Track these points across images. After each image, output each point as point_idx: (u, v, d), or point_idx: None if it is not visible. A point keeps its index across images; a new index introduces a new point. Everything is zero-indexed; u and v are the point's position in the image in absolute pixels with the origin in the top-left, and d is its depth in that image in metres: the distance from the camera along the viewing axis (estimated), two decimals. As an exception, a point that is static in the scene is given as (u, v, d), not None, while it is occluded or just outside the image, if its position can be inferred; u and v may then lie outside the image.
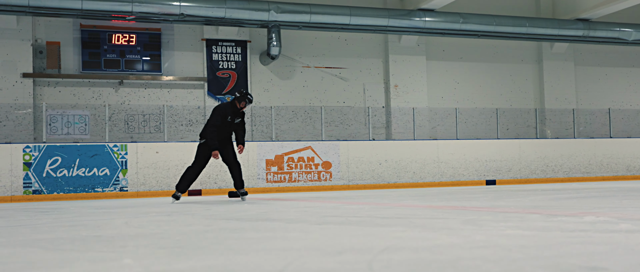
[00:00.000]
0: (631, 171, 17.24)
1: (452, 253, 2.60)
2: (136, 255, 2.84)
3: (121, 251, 3.00)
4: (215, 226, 4.21)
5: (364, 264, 2.32)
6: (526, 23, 16.88)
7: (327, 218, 4.62)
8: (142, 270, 2.42)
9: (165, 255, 2.83)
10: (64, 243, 3.41)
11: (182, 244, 3.28)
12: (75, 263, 2.63)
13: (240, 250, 2.92)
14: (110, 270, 2.42)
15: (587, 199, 6.33)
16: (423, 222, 4.10)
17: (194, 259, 2.64)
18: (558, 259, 2.32)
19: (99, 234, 3.89)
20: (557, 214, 4.45)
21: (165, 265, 2.53)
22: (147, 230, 4.06)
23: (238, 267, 2.42)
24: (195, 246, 3.16)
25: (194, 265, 2.49)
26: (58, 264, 2.61)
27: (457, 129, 16.77)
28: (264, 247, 3.01)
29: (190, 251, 2.96)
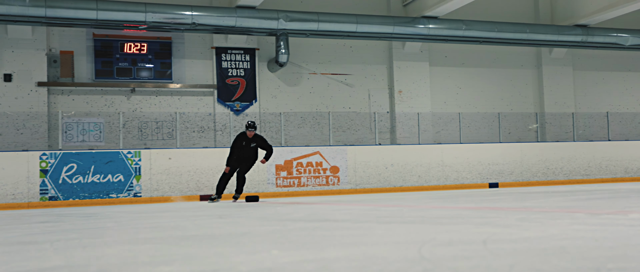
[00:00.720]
0: (629, 172, 17.70)
1: (550, 243, 2.95)
2: (270, 248, 3.20)
3: (250, 245, 3.38)
4: (296, 226, 4.57)
5: (481, 249, 2.67)
6: (526, 29, 17.33)
7: (383, 218, 4.97)
8: (293, 258, 2.82)
9: (293, 248, 3.22)
10: (179, 240, 3.75)
11: (292, 239, 3.68)
12: (230, 256, 2.99)
13: (353, 243, 3.32)
14: (265, 260, 2.80)
15: (608, 199, 6.71)
16: (482, 221, 4.45)
17: (325, 251, 3.03)
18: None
19: (202, 233, 4.28)
20: (598, 212, 4.82)
21: (307, 255, 2.92)
22: (240, 229, 4.40)
23: (371, 256, 2.81)
24: (310, 241, 3.55)
25: (330, 256, 2.88)
26: (205, 256, 2.93)
27: (460, 133, 17.19)
28: (369, 241, 3.41)
29: (310, 245, 3.35)
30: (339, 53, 17.35)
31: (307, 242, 3.48)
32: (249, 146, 11.73)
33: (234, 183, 12.58)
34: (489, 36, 17.09)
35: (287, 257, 2.87)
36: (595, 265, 2.31)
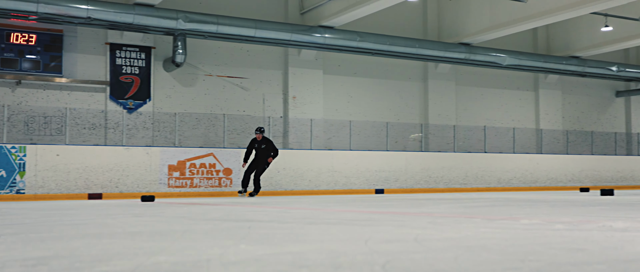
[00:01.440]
0: (501, 183, 19.05)
1: (471, 241, 3.29)
2: (230, 243, 3.35)
3: (210, 240, 3.51)
4: (229, 225, 4.67)
5: (419, 245, 2.97)
6: (416, 44, 18.26)
7: (304, 219, 5.20)
8: (265, 251, 3.01)
9: (253, 243, 3.39)
10: (131, 236, 3.78)
11: (242, 236, 3.84)
12: (204, 249, 3.11)
13: (305, 241, 3.55)
14: (243, 252, 2.95)
15: (494, 207, 7.35)
16: (398, 223, 4.80)
17: (287, 246, 3.22)
18: (547, 245, 3.09)
19: (141, 230, 4.31)
20: (493, 218, 5.34)
21: (274, 249, 3.12)
22: (175, 227, 4.45)
23: (333, 250, 3.05)
24: (260, 237, 3.74)
25: (294, 250, 3.08)
26: (181, 248, 3.01)
27: (350, 140, 17.83)
28: (316, 239, 3.65)
29: (265, 240, 3.54)
30: (236, 56, 17.48)
31: (260, 239, 3.68)
32: (260, 147, 13.91)
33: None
34: (381, 49, 17.84)
35: (259, 251, 3.07)
36: (519, 258, 2.71)
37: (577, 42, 20.95)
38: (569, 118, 22.96)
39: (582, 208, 6.90)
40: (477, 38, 18.67)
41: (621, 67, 22.01)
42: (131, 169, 14.33)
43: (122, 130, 15.63)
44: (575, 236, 3.61)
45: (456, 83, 20.66)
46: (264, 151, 13.96)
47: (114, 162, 14.24)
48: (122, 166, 14.26)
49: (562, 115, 22.73)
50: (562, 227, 4.19)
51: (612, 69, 21.80)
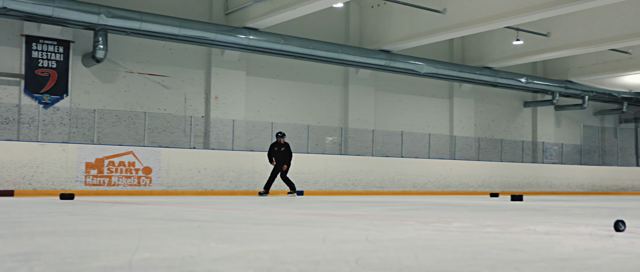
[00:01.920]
0: (416, 187, 19.68)
1: (419, 242, 3.48)
2: (196, 242, 3.41)
3: (175, 238, 3.50)
4: (180, 224, 4.65)
5: (373, 245, 3.12)
6: (338, 49, 18.61)
7: (248, 220, 5.27)
8: (237, 249, 3.09)
9: (221, 242, 3.44)
10: (86, 234, 3.74)
11: (204, 235, 3.89)
12: (177, 246, 3.09)
13: (265, 240, 3.64)
14: (217, 250, 2.96)
15: (418, 211, 7.64)
16: (340, 225, 4.93)
17: (253, 245, 3.29)
18: (488, 246, 3.30)
19: (93, 229, 4.22)
20: (426, 221, 5.58)
21: (244, 247, 3.20)
22: (128, 226, 4.39)
23: (299, 248, 3.17)
24: (223, 236, 3.79)
25: (263, 248, 3.16)
26: (158, 245, 3.00)
27: (272, 142, 17.94)
28: (277, 238, 3.75)
29: (228, 239, 3.60)
30: (158, 54, 17.27)
31: (224, 238, 3.74)
32: (280, 150, 15.19)
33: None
34: (304, 52, 18.09)
35: (233, 249, 3.14)
36: (470, 256, 2.93)
37: (490, 53, 21.92)
38: (480, 126, 23.97)
39: (503, 213, 7.31)
40: (397, 46, 19.22)
41: (529, 79, 23.19)
42: (46, 165, 13.92)
43: (37, 125, 15.13)
44: (508, 238, 3.89)
45: (376, 89, 21.17)
46: (283, 154, 15.17)
47: (27, 159, 13.79)
48: (36, 162, 13.83)
49: (475, 123, 23.70)
50: (494, 230, 4.48)
51: (521, 81, 22.93)
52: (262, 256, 2.88)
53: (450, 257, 2.89)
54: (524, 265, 2.63)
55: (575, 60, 23.85)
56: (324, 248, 3.24)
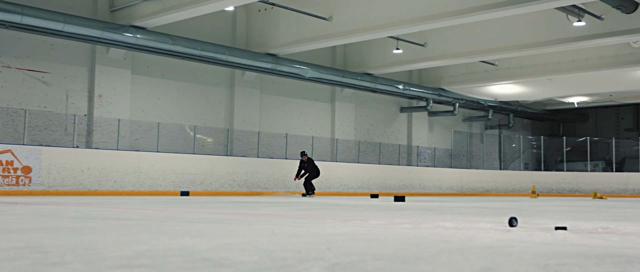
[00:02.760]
0: (300, 188, 20.20)
1: (359, 236, 3.79)
2: (174, 237, 3.49)
3: (143, 234, 3.58)
4: (119, 223, 4.70)
5: (325, 240, 3.40)
6: (226, 51, 18.81)
7: (177, 219, 5.40)
8: (215, 242, 3.25)
9: (194, 237, 3.56)
10: (76, 233, 3.72)
11: (166, 231, 3.99)
12: (154, 241, 3.21)
13: (233, 235, 3.82)
14: (197, 244, 3.14)
15: (322, 210, 8.03)
16: (271, 222, 5.20)
17: (221, 239, 3.45)
18: (419, 238, 3.68)
19: (79, 227, 4.21)
20: (344, 220, 5.96)
21: (218, 241, 3.35)
22: (75, 224, 4.37)
23: (267, 242, 3.38)
24: (184, 232, 3.92)
25: (231, 241, 3.33)
26: (136, 240, 3.10)
27: (158, 142, 17.85)
28: (235, 234, 3.93)
29: (195, 235, 3.74)
30: (38, 49, 16.68)
31: (187, 233, 3.92)
32: (304, 166, 18.17)
33: None
34: (192, 53, 18.13)
35: (212, 242, 3.34)
36: (415, 245, 3.32)
37: (370, 60, 22.92)
38: (360, 130, 24.97)
39: (402, 212, 7.89)
40: (284, 50, 19.70)
41: (406, 86, 24.47)
42: None
43: None
44: (430, 232, 4.35)
45: (261, 91, 21.54)
46: (309, 168, 18.18)
47: None
48: None
49: (355, 127, 24.66)
50: (410, 226, 4.94)
51: (399, 87, 24.15)
52: (241, 246, 3.15)
53: (398, 246, 3.30)
54: (462, 251, 3.09)
55: (448, 69, 25.43)
56: (285, 240, 3.54)
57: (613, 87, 25.30)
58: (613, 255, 2.88)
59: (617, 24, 17.39)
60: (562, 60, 22.39)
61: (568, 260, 2.63)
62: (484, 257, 2.76)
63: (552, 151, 30.43)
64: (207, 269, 2.33)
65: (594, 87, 25.48)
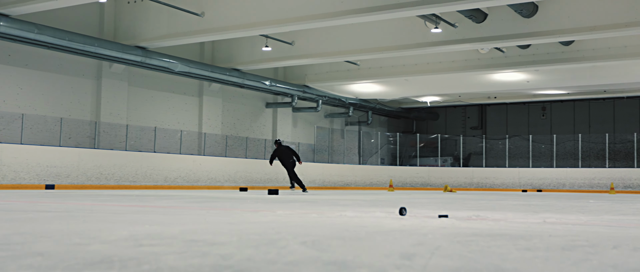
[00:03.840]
0: (168, 181, 20.30)
1: (327, 223, 4.20)
2: (130, 225, 3.70)
3: (120, 224, 3.74)
4: (74, 214, 4.74)
5: (291, 225, 3.79)
6: (95, 43, 18.44)
7: (103, 210, 5.51)
8: (182, 228, 3.50)
9: (155, 224, 3.85)
10: (52, 221, 3.74)
11: (125, 220, 4.18)
12: (140, 227, 3.38)
13: (200, 221, 4.06)
14: (167, 229, 3.42)
15: (216, 203, 8.35)
16: (221, 212, 5.50)
17: (176, 227, 3.67)
18: (340, 224, 4.20)
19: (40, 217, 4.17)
20: (255, 211, 6.36)
21: (180, 227, 3.60)
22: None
23: (241, 226, 3.74)
24: (146, 221, 4.10)
25: (191, 228, 3.60)
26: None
27: (22, 134, 17.19)
28: (195, 220, 4.20)
29: (155, 222, 3.94)
30: None
31: (149, 222, 4.15)
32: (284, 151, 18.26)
33: None
34: (59, 44, 17.62)
35: (175, 228, 3.63)
36: (344, 229, 3.79)
37: (239, 56, 23.34)
38: (227, 124, 25.31)
39: (295, 203, 8.45)
40: (154, 43, 19.62)
41: (273, 82, 25.15)
42: None
43: None
44: (341, 220, 4.77)
45: (129, 84, 21.28)
46: (291, 153, 18.25)
47: None
48: None
49: (222, 121, 24.97)
50: (317, 216, 5.41)
51: (266, 83, 24.77)
52: (211, 230, 3.51)
53: (333, 230, 3.82)
54: (385, 233, 3.66)
55: (312, 67, 26.43)
56: (233, 227, 3.95)
57: (462, 88, 27.54)
58: (500, 234, 3.64)
59: (469, 32, 19.12)
60: (418, 62, 24.10)
61: (468, 238, 3.33)
62: (407, 236, 3.40)
63: (407, 147, 32.50)
64: (205, 247, 2.75)
65: (445, 88, 27.60)
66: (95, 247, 2.70)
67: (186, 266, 2.14)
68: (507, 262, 2.40)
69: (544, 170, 28.37)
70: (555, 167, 28.57)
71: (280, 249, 2.65)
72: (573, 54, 22.04)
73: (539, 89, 28.05)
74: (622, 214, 6.64)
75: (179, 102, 23.32)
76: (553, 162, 29.04)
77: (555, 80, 25.65)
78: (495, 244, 3.04)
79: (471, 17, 18.30)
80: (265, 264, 2.22)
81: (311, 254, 2.52)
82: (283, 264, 2.21)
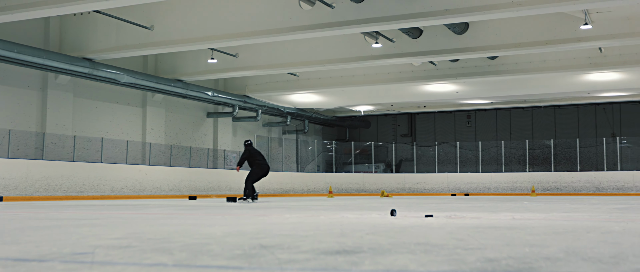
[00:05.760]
0: (115, 191, 20.58)
1: (288, 223, 5.03)
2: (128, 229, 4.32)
3: (122, 228, 4.35)
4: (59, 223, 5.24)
5: (265, 226, 4.54)
6: (43, 55, 18.59)
7: (90, 218, 6.05)
8: (177, 227, 4.23)
9: (144, 226, 4.47)
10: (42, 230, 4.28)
11: (114, 224, 4.79)
12: (147, 227, 4.02)
13: (164, 224, 4.76)
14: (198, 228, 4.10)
15: (188, 210, 8.97)
16: (195, 216, 6.16)
17: (162, 228, 4.42)
18: (326, 224, 5.02)
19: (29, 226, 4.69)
20: (237, 215, 7.09)
21: (161, 230, 4.33)
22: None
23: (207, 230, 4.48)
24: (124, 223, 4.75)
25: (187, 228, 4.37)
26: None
27: (-29, 146, 17.15)
28: (174, 223, 4.92)
29: (136, 226, 4.62)
30: None
31: (133, 224, 4.83)
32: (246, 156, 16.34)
33: None
34: (8, 55, 17.70)
35: (171, 227, 4.36)
36: (369, 226, 4.73)
37: (183, 67, 23.83)
38: (170, 134, 25.70)
39: (271, 209, 9.22)
40: (102, 55, 19.89)
41: (215, 92, 25.76)
42: None
43: None
44: (347, 221, 5.75)
45: (74, 95, 21.41)
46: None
47: None
48: None
49: (165, 131, 25.34)
50: (325, 218, 6.35)
51: (208, 94, 25.35)
52: (238, 230, 4.28)
53: (321, 229, 4.68)
54: (394, 230, 4.56)
55: (253, 78, 27.18)
56: (243, 227, 4.75)
57: (395, 98, 28.95)
58: (484, 226, 4.64)
59: (405, 46, 20.41)
60: (355, 74, 25.28)
61: (461, 230, 4.30)
62: (415, 233, 4.32)
63: (341, 154, 33.68)
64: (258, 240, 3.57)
65: (380, 98, 28.94)
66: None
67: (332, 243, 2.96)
68: (527, 242, 3.36)
69: (471, 175, 30.14)
70: (481, 172, 30.40)
71: (361, 237, 3.53)
72: (498, 67, 23.76)
73: (467, 99, 29.85)
74: (564, 212, 7.84)
75: (123, 112, 23.57)
76: (479, 167, 30.87)
77: (481, 91, 27.45)
78: (503, 233, 4.02)
79: (408, 33, 19.58)
80: (382, 243, 3.09)
81: (387, 240, 3.41)
82: (379, 244, 3.09)
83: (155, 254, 2.82)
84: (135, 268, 2.43)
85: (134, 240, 3.61)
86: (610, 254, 2.88)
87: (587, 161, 29.38)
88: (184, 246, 3.22)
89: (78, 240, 3.64)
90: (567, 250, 3.03)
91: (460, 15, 15.71)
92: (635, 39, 18.33)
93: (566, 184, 28.30)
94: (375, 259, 2.57)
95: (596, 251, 3.02)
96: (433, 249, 3.05)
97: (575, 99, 30.60)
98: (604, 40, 18.47)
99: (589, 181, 27.91)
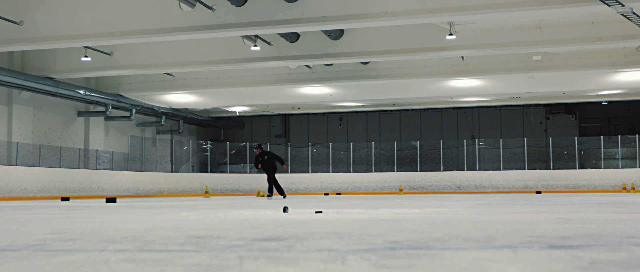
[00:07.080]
0: None
1: (264, 218, 5.31)
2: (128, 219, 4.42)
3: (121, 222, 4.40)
4: None
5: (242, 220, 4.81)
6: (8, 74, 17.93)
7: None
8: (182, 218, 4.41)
9: (145, 220, 4.60)
10: None
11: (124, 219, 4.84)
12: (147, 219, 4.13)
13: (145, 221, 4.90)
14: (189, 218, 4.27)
15: (136, 209, 8.94)
16: (177, 211, 6.23)
17: (152, 222, 4.58)
18: (310, 220, 5.37)
19: None
20: (211, 211, 7.23)
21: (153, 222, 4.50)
22: None
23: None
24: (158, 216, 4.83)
25: (158, 225, 4.55)
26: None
27: None
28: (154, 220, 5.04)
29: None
30: None
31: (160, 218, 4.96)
32: (264, 158, 18.45)
33: None
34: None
35: (93, 224, 4.54)
36: (303, 223, 5.13)
37: (53, 65, 23.04)
38: (38, 133, 24.71)
39: (198, 210, 9.35)
40: (62, 75, 20.54)
41: (88, 91, 25.08)
42: None
43: None
44: (321, 216, 6.11)
45: (33, 108, 21.14)
46: (272, 158, 18.49)
47: None
48: None
49: (33, 130, 24.34)
50: (297, 214, 6.65)
51: (80, 92, 24.65)
52: (219, 220, 4.58)
53: (231, 223, 5.09)
54: (375, 221, 5.03)
55: (127, 77, 26.69)
56: (222, 219, 5.04)
57: (271, 100, 29.52)
58: (373, 219, 5.23)
59: (283, 50, 21.02)
60: (232, 75, 25.58)
61: (356, 223, 4.87)
62: (318, 225, 4.84)
63: (216, 154, 33.76)
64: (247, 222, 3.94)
65: (256, 99, 29.39)
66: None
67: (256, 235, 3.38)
68: (416, 229, 3.96)
69: (343, 175, 31.31)
70: (353, 172, 31.67)
71: (274, 229, 3.98)
72: (370, 72, 24.98)
73: (339, 101, 31.00)
74: (435, 207, 8.69)
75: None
76: (350, 167, 32.13)
77: (354, 94, 28.67)
78: (392, 224, 4.62)
79: (286, 37, 20.20)
80: (296, 233, 3.55)
81: (299, 231, 3.88)
82: (295, 234, 3.55)
83: (108, 245, 3.10)
84: (107, 254, 2.69)
85: (70, 234, 3.83)
86: (483, 236, 3.53)
87: (449, 161, 31.47)
88: (126, 238, 3.52)
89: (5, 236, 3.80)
90: (450, 234, 3.65)
91: (336, 23, 16.51)
92: (494, 49, 20.09)
93: (431, 183, 30.14)
94: (303, 243, 3.02)
95: (472, 234, 3.67)
96: (343, 235, 3.56)
97: (439, 103, 32.67)
98: (466, 50, 20.09)
99: (451, 180, 29.91)
